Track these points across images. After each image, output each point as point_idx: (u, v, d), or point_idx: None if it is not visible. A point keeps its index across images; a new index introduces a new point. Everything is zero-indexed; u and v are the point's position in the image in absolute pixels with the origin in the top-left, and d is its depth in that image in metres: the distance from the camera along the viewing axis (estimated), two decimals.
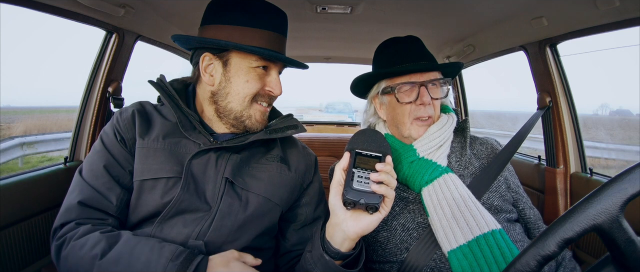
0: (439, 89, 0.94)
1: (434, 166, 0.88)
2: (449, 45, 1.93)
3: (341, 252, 0.70)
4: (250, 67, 0.80)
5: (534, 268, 0.41)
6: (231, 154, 0.82)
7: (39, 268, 1.21)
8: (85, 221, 0.74)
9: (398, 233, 0.89)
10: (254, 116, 0.83)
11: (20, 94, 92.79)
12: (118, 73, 1.51)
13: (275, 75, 0.83)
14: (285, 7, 0.87)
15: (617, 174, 0.42)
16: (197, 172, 0.79)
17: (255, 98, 0.82)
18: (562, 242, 0.41)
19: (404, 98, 0.92)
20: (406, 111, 0.92)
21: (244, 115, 0.82)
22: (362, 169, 0.71)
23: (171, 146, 0.80)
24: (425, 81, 0.91)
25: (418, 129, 0.92)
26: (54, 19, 1.17)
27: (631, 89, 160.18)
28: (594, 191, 0.42)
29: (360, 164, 0.72)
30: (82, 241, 0.69)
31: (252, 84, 0.81)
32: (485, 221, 0.81)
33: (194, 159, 0.79)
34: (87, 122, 1.46)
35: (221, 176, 0.79)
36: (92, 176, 0.78)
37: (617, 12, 1.06)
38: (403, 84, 0.92)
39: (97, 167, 0.78)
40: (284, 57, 0.82)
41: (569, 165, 1.47)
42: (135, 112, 0.83)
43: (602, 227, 0.41)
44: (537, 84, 1.53)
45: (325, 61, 2.63)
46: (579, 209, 0.41)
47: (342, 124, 3.61)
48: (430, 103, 0.91)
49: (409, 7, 1.39)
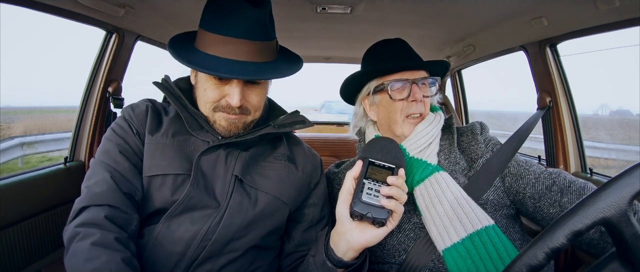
0: (428, 88, 0.95)
1: (424, 165, 0.88)
2: (449, 45, 1.94)
3: (344, 261, 0.70)
4: (207, 76, 0.77)
5: (541, 261, 0.41)
6: (240, 151, 0.82)
7: (39, 268, 1.21)
8: (113, 213, 0.70)
9: (394, 235, 0.88)
10: (219, 122, 0.80)
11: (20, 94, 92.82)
12: (118, 73, 1.51)
13: (234, 84, 0.76)
14: (285, 7, 0.87)
15: (626, 168, 0.42)
16: (206, 169, 0.78)
17: (216, 109, 0.79)
18: (571, 235, 0.40)
19: (396, 95, 0.93)
20: (398, 108, 0.93)
21: (210, 120, 0.81)
22: (373, 181, 0.69)
23: (180, 143, 0.80)
24: (416, 79, 0.92)
25: (410, 127, 0.93)
26: (54, 19, 1.17)
27: (631, 89, 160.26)
28: (604, 185, 0.42)
29: (372, 174, 0.70)
30: (97, 249, 0.64)
31: (209, 93, 0.78)
32: (478, 217, 0.81)
33: (204, 155, 0.78)
34: (87, 122, 1.47)
35: (231, 174, 0.79)
36: (113, 161, 0.76)
37: (617, 12, 1.06)
38: (395, 82, 0.93)
39: (114, 153, 0.76)
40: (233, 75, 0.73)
41: (569, 165, 1.47)
42: (148, 107, 0.83)
43: (611, 221, 0.40)
44: (537, 84, 1.53)
45: (325, 61, 2.63)
46: (588, 201, 0.41)
47: (342, 124, 3.60)
48: (422, 100, 0.92)
49: (409, 7, 1.39)
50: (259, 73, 0.76)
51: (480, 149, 0.93)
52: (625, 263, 0.41)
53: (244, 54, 0.74)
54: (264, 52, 0.77)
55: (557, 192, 0.82)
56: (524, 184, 0.87)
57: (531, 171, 0.88)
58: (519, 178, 0.88)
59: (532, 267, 0.41)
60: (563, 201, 0.81)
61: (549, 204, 0.82)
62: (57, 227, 1.31)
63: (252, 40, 0.75)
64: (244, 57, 0.74)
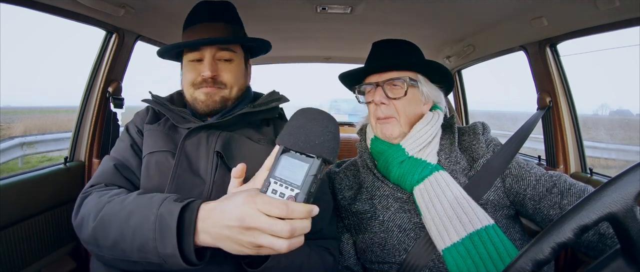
0: (400, 89, 0.93)
1: (424, 164, 0.88)
2: (449, 45, 1.94)
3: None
4: (188, 61, 0.90)
5: (547, 255, 0.40)
6: (220, 132, 0.86)
7: (39, 268, 1.21)
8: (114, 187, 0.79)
9: (395, 234, 0.89)
10: (199, 98, 0.89)
11: (20, 94, 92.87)
12: (118, 73, 1.51)
13: (206, 59, 0.88)
14: (285, 7, 0.87)
15: (633, 164, 0.42)
16: (190, 151, 0.83)
17: (195, 84, 0.89)
18: (578, 229, 0.40)
19: (367, 98, 0.97)
20: (371, 111, 0.96)
21: (191, 101, 0.90)
22: (281, 182, 0.54)
23: (170, 131, 0.89)
24: (381, 81, 0.92)
25: (381, 127, 0.93)
26: (54, 19, 1.17)
27: (631, 89, 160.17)
28: (611, 180, 0.41)
29: (284, 169, 0.54)
30: (105, 191, 0.75)
31: (189, 74, 0.89)
32: (478, 217, 0.81)
33: (187, 139, 0.84)
34: (87, 122, 1.46)
35: (212, 151, 0.83)
36: (120, 155, 0.86)
37: (617, 12, 1.06)
38: (366, 85, 0.96)
39: (123, 149, 0.87)
40: (196, 42, 0.87)
41: (569, 165, 1.47)
42: (149, 108, 0.96)
43: (617, 217, 0.40)
44: (537, 84, 1.53)
45: (325, 61, 2.63)
46: (595, 196, 0.41)
47: (342, 124, 3.60)
48: (385, 103, 0.91)
49: (409, 7, 1.39)
50: (221, 41, 0.88)
51: (482, 149, 0.93)
52: (629, 260, 0.41)
53: (210, 33, 0.88)
54: (228, 31, 0.91)
55: (557, 194, 0.82)
56: (524, 186, 0.87)
57: (532, 173, 0.88)
58: (520, 179, 0.88)
59: (538, 261, 0.41)
60: (563, 203, 0.81)
61: (549, 206, 0.82)
62: (57, 227, 1.31)
63: (214, 22, 0.90)
64: (210, 35, 0.88)
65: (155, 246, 0.60)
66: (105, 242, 0.65)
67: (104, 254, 0.67)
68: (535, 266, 0.41)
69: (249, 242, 0.54)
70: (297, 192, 0.53)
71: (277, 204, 0.52)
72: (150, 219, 0.61)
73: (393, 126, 0.92)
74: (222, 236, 0.56)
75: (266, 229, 0.52)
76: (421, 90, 0.93)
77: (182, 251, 0.59)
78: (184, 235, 0.59)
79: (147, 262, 0.62)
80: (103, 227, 0.66)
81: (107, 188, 0.77)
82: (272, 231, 0.52)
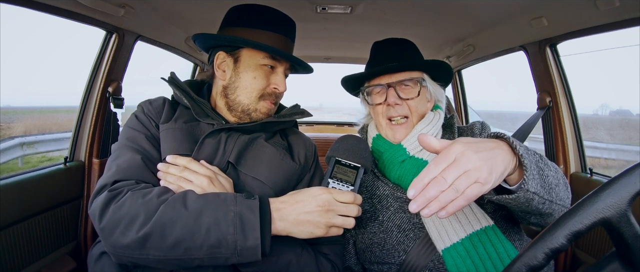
0: (411, 89, 0.94)
1: (424, 164, 0.88)
2: (449, 45, 1.94)
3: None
4: (258, 64, 0.87)
5: (541, 261, 0.41)
6: (240, 135, 0.87)
7: (39, 268, 1.21)
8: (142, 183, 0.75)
9: (394, 235, 0.89)
10: (260, 110, 0.90)
11: (20, 94, 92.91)
12: (118, 73, 1.51)
13: (280, 73, 0.89)
14: (285, 7, 0.87)
15: (626, 169, 0.42)
16: (208, 152, 0.83)
17: (263, 96, 0.89)
18: (571, 235, 0.40)
19: (376, 99, 0.96)
20: (379, 112, 0.96)
21: (250, 108, 0.89)
22: (338, 180, 0.75)
23: (189, 128, 0.86)
24: (393, 82, 0.93)
25: (394, 131, 0.93)
26: (54, 19, 1.17)
27: (631, 89, 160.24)
28: (603, 185, 0.41)
29: (337, 173, 0.75)
30: (146, 190, 0.70)
31: (259, 80, 0.87)
32: (477, 217, 0.81)
33: (207, 138, 0.84)
34: (87, 122, 1.46)
35: (226, 160, 0.84)
36: (140, 146, 0.80)
37: (617, 12, 1.06)
38: (374, 86, 0.96)
39: (141, 140, 0.82)
40: (289, 56, 0.88)
41: (569, 165, 1.47)
42: (165, 101, 0.91)
43: (611, 221, 0.40)
44: (537, 84, 1.53)
45: (325, 61, 2.63)
46: (588, 202, 0.41)
47: (342, 124, 3.60)
48: (399, 103, 0.92)
49: (409, 7, 1.39)
50: (302, 63, 0.91)
51: None
52: (625, 263, 0.41)
53: (288, 49, 0.90)
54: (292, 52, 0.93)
55: None
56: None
57: None
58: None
59: (532, 267, 0.41)
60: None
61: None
62: (57, 227, 1.31)
63: (292, 40, 0.92)
64: (287, 51, 0.89)
65: (235, 240, 0.64)
66: (162, 243, 0.64)
67: (147, 255, 0.65)
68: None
69: (325, 222, 0.69)
70: (352, 188, 0.74)
71: (348, 193, 0.71)
72: (229, 215, 0.65)
73: (406, 129, 0.93)
74: (301, 221, 0.69)
75: (342, 210, 0.70)
76: (428, 89, 0.95)
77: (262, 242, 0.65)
78: (263, 227, 0.66)
79: (209, 258, 0.65)
80: (162, 228, 0.64)
81: (140, 185, 0.73)
82: (347, 211, 0.70)
